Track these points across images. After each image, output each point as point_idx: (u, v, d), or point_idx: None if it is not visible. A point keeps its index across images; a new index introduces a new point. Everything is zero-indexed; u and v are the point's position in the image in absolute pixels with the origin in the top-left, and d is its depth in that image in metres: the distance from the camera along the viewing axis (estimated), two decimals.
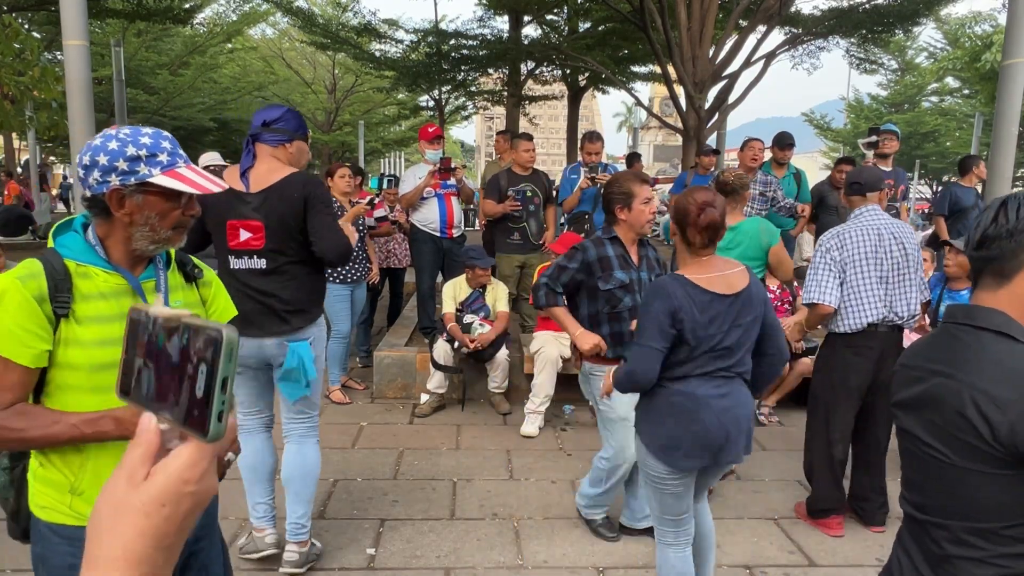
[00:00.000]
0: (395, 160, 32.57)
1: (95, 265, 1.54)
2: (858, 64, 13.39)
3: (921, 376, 1.33)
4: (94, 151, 1.50)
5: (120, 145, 1.49)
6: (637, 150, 13.09)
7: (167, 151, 1.54)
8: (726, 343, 2.32)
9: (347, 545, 3.30)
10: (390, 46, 15.15)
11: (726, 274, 2.37)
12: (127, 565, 0.51)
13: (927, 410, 1.29)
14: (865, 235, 3.38)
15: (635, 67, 16.11)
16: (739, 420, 2.36)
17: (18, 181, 16.19)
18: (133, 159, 1.49)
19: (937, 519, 1.28)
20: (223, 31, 18.18)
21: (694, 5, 8.77)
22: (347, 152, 26.04)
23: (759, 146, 5.64)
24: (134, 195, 1.51)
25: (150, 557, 0.52)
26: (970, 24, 18.53)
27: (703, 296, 2.29)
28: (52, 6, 8.79)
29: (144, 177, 1.49)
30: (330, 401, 5.23)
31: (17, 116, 8.38)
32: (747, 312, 2.34)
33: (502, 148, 7.17)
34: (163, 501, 0.53)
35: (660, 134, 42.21)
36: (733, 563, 3.25)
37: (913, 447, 1.34)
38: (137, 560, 0.52)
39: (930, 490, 1.30)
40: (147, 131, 1.55)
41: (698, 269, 2.36)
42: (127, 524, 0.52)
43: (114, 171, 1.48)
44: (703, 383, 2.33)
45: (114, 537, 0.52)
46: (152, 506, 0.53)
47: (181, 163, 1.55)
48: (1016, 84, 5.29)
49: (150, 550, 0.52)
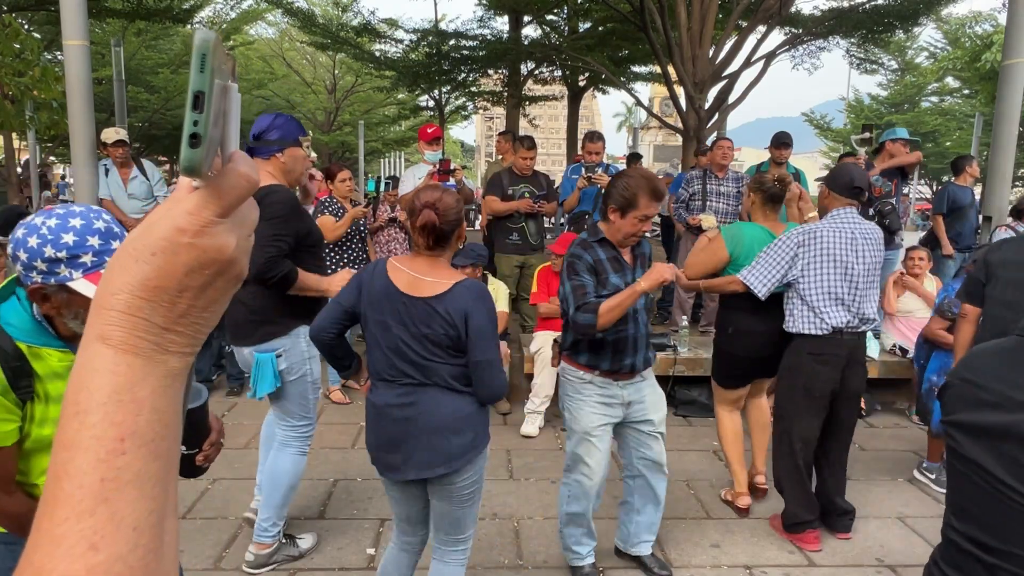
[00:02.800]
0: (395, 160, 32.55)
1: (47, 346, 1.49)
2: (858, 64, 13.39)
3: (998, 402, 1.16)
4: (14, 244, 1.41)
5: (40, 243, 1.38)
6: (637, 150, 13.08)
7: (93, 250, 1.40)
8: (404, 347, 2.21)
9: (347, 545, 3.30)
10: (390, 46, 15.15)
11: (419, 277, 2.23)
12: (115, 308, 0.47)
13: (1008, 445, 1.13)
14: (838, 236, 3.28)
15: (635, 67, 16.11)
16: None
17: (18, 181, 16.18)
18: (52, 260, 1.38)
19: (1014, 568, 1.13)
20: (223, 30, 18.16)
21: (694, 5, 8.76)
22: (347, 152, 26.04)
23: (728, 144, 5.75)
24: (57, 293, 1.42)
25: (137, 306, 0.47)
26: (970, 24, 18.53)
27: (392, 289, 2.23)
28: (52, 6, 8.78)
29: (64, 280, 1.39)
30: (330, 401, 5.23)
31: (17, 116, 8.36)
32: (432, 319, 2.18)
33: (503, 148, 7.19)
34: (154, 249, 0.47)
35: (660, 134, 42.17)
36: (733, 563, 3.25)
37: (980, 480, 1.18)
38: (125, 306, 0.47)
39: (1006, 535, 1.15)
40: (74, 222, 1.40)
41: (404, 261, 2.29)
42: (118, 268, 0.48)
43: (34, 269, 1.39)
44: (385, 388, 2.27)
45: (107, 282, 0.48)
46: (143, 252, 0.47)
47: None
48: (1016, 84, 5.29)
49: (137, 300, 0.47)
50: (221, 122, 0.48)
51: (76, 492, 0.44)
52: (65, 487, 0.44)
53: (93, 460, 0.45)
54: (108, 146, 5.91)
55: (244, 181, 0.50)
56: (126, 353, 0.47)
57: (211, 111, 0.46)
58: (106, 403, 0.46)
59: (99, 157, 5.74)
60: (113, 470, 0.45)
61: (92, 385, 0.47)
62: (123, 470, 0.45)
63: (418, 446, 2.22)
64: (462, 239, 2.35)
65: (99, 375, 0.47)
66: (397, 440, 2.25)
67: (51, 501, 0.44)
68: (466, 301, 2.19)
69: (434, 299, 2.19)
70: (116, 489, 0.45)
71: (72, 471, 0.45)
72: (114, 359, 0.47)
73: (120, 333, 0.47)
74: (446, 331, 2.17)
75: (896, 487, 4.11)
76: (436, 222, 2.18)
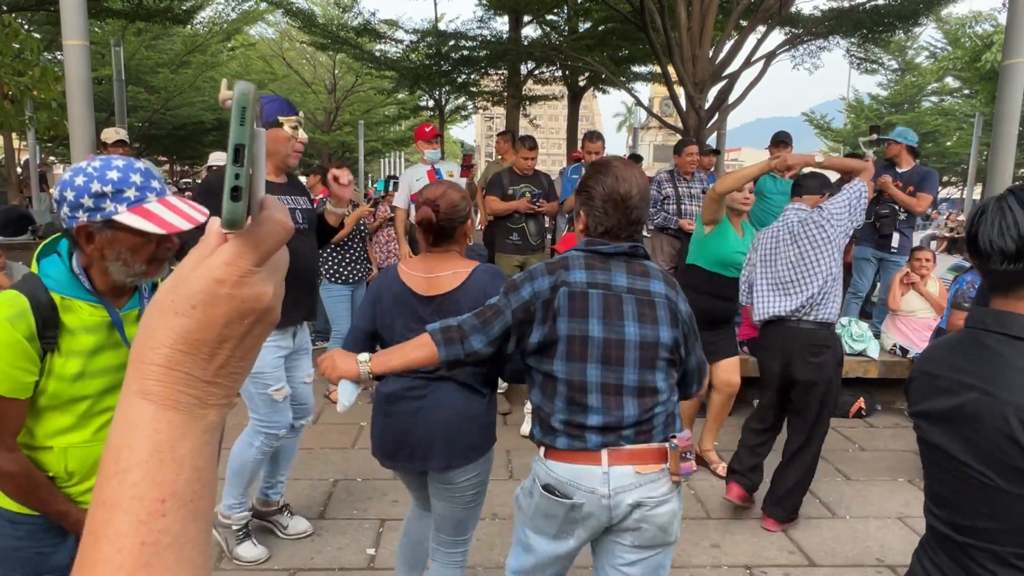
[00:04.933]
0: (395, 160, 32.56)
1: (80, 299, 1.53)
2: (858, 64, 13.37)
3: (950, 388, 1.24)
4: (61, 186, 1.47)
5: (86, 181, 1.45)
6: (637, 150, 13.10)
7: (136, 186, 1.47)
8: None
9: (347, 545, 3.30)
10: (390, 46, 15.14)
11: (434, 276, 2.23)
12: (156, 363, 0.47)
13: (964, 427, 1.21)
14: (774, 231, 3.56)
15: (635, 67, 16.10)
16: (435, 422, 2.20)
17: (18, 181, 16.17)
18: (98, 195, 1.44)
19: (982, 543, 1.20)
20: (223, 30, 18.18)
21: (694, 5, 8.76)
22: (347, 152, 26.05)
23: (694, 150, 5.84)
24: (102, 231, 1.47)
25: (179, 360, 0.47)
26: (970, 24, 18.54)
27: (401, 289, 2.24)
28: (52, 6, 8.78)
29: (109, 214, 1.45)
30: (330, 401, 5.23)
31: (17, 116, 8.36)
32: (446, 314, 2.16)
33: (503, 149, 7.20)
34: (193, 301, 0.47)
35: (660, 134, 42.18)
36: (733, 563, 3.24)
37: (946, 464, 1.25)
38: (166, 360, 0.47)
39: (971, 512, 1.22)
40: (117, 163, 1.48)
41: (414, 265, 2.28)
42: (156, 321, 0.48)
43: (80, 207, 1.45)
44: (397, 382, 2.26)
45: (145, 336, 0.48)
46: (182, 305, 0.47)
47: (153, 197, 1.49)
48: (1016, 84, 5.28)
49: (178, 353, 0.47)
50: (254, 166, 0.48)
51: (115, 556, 0.44)
52: (104, 549, 0.44)
53: (134, 522, 0.44)
54: (108, 146, 5.91)
55: (280, 228, 0.50)
56: (167, 409, 0.47)
57: (250, 164, 0.46)
58: (147, 461, 0.46)
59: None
60: (153, 533, 0.45)
61: (134, 442, 0.46)
62: (163, 533, 0.45)
63: (419, 439, 2.19)
64: (469, 236, 2.33)
65: (140, 432, 0.46)
66: (400, 431, 2.22)
67: (89, 563, 0.44)
68: (486, 284, 2.19)
69: (453, 293, 2.19)
70: (155, 553, 0.44)
71: (111, 533, 0.44)
72: (155, 415, 0.47)
73: (161, 388, 0.47)
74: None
75: (896, 487, 4.12)
76: (433, 219, 2.17)
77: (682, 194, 5.80)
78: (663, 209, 5.83)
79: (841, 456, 4.57)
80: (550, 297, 1.86)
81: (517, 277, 1.94)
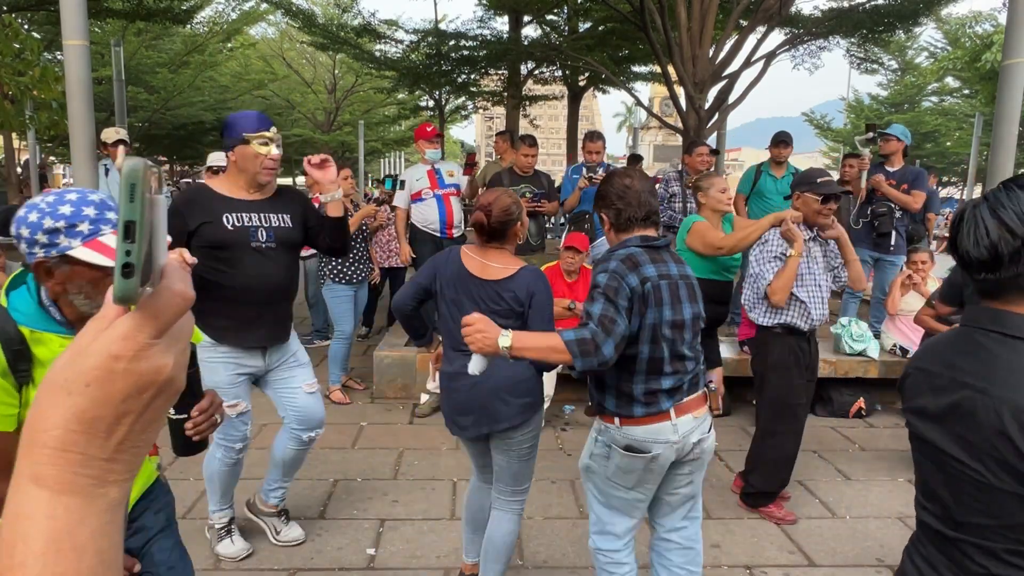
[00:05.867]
0: (395, 160, 32.56)
1: (50, 331, 1.52)
2: (858, 64, 13.36)
3: (945, 385, 1.25)
4: (17, 223, 1.47)
5: (39, 217, 1.45)
6: (637, 150, 13.10)
7: (89, 219, 1.46)
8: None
9: (347, 545, 3.30)
10: (390, 46, 15.13)
11: (489, 264, 2.59)
12: (48, 446, 0.44)
13: (957, 425, 1.22)
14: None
15: (635, 67, 16.08)
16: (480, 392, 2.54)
17: (18, 181, 16.17)
18: (51, 231, 1.44)
19: (973, 538, 1.21)
20: (223, 31, 18.17)
21: (694, 5, 8.76)
22: (347, 152, 26.04)
23: (705, 151, 5.86)
24: (59, 266, 1.47)
25: (72, 441, 0.44)
26: (970, 24, 18.51)
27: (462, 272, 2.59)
28: (52, 6, 8.77)
29: (64, 249, 1.45)
30: (330, 401, 5.23)
31: (17, 116, 8.36)
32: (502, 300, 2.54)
33: (502, 149, 7.20)
34: (87, 379, 0.45)
35: (660, 134, 42.20)
36: (733, 563, 3.25)
37: (938, 460, 1.26)
38: (59, 443, 0.44)
39: (964, 508, 1.22)
40: (70, 196, 1.48)
41: (474, 250, 2.64)
42: (47, 402, 0.45)
43: (36, 243, 1.45)
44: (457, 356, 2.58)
45: (36, 418, 0.45)
46: (76, 383, 0.45)
47: (108, 229, 1.48)
48: (1016, 84, 5.28)
49: (72, 434, 0.44)
50: (149, 239, 0.46)
51: None
52: None
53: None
54: (108, 146, 5.91)
55: (179, 299, 0.48)
56: (63, 493, 0.44)
57: (143, 240, 0.44)
58: (44, 553, 0.43)
59: (99, 157, 5.74)
60: None
61: (28, 534, 0.43)
62: None
63: (483, 406, 2.55)
64: (519, 235, 2.65)
65: (34, 522, 0.44)
66: (464, 403, 2.58)
67: None
68: (530, 282, 2.55)
69: (503, 281, 2.54)
70: None
71: None
72: (50, 502, 0.44)
73: (55, 472, 0.44)
74: (512, 307, 2.52)
75: (896, 487, 4.12)
76: (484, 221, 2.54)
77: (689, 193, 5.81)
78: (669, 207, 5.84)
79: (841, 456, 4.57)
80: (642, 292, 2.22)
81: (605, 279, 2.22)
